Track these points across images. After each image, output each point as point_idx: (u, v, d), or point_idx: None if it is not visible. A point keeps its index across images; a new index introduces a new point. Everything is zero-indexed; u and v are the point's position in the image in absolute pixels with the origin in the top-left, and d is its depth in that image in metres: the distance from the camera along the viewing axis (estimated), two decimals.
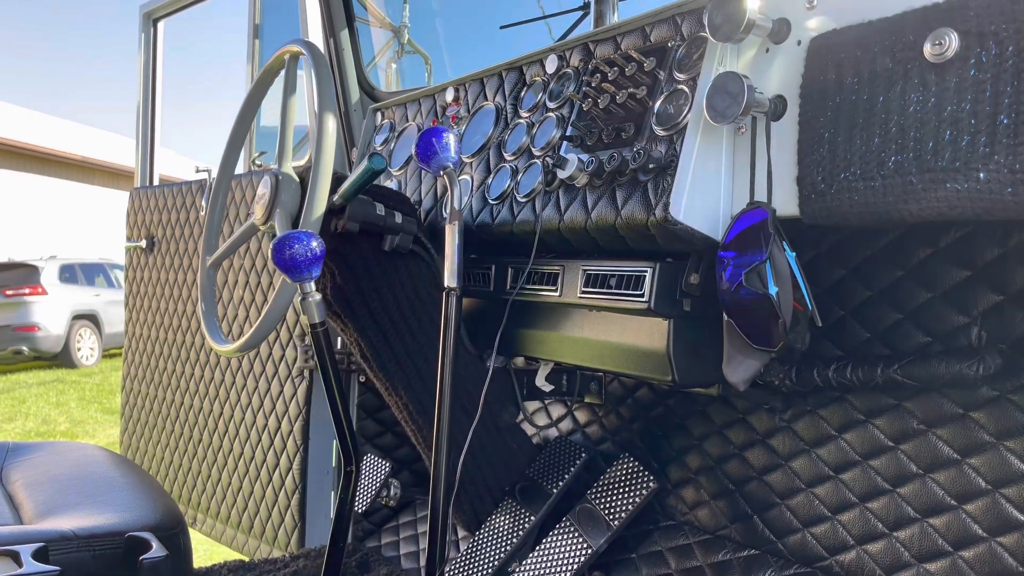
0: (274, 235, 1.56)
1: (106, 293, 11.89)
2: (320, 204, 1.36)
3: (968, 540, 1.21)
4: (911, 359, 1.22)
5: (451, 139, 1.28)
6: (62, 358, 10.93)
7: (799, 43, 1.13)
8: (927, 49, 0.95)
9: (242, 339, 1.44)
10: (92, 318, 11.40)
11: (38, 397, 8.58)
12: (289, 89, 1.58)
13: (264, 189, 1.54)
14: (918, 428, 1.27)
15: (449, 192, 1.28)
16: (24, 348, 10.55)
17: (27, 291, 10.68)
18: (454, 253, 1.30)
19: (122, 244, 3.02)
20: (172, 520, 1.31)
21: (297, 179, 1.55)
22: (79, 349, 11.14)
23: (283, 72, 1.68)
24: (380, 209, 1.54)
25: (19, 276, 10.88)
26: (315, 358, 1.31)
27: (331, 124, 1.38)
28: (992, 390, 1.19)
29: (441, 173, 1.29)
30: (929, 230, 1.23)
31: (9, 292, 10.59)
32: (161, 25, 2.94)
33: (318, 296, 1.30)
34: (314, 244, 1.22)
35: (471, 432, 1.36)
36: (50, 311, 10.69)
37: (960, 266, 1.21)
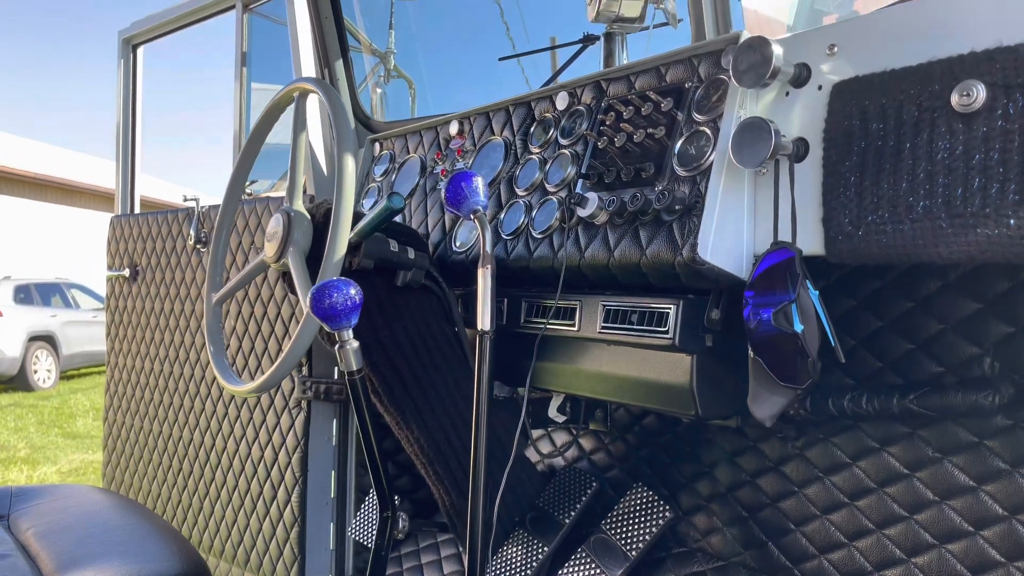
0: (286, 272, 1.56)
1: (63, 314, 11.63)
2: (342, 246, 1.36)
3: (986, 565, 1.25)
4: (927, 389, 1.26)
5: (480, 183, 1.29)
6: (18, 381, 10.64)
7: (820, 88, 1.16)
8: (954, 99, 0.99)
9: (260, 379, 1.42)
10: (49, 339, 11.14)
11: None
12: (299, 126, 1.57)
13: (276, 226, 1.53)
14: (933, 456, 1.31)
15: (480, 236, 1.29)
16: None
17: None
18: (487, 296, 1.31)
19: (81, 263, 2.97)
20: (198, 568, 1.29)
21: (309, 216, 1.55)
22: (36, 371, 10.86)
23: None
24: (393, 245, 1.54)
25: None
26: (352, 406, 1.31)
27: (351, 165, 1.39)
28: (1006, 419, 1.23)
29: (471, 217, 1.30)
30: (939, 263, 1.27)
31: None
32: (141, 51, 2.90)
33: (356, 344, 1.29)
34: (352, 291, 1.22)
35: (506, 472, 1.37)
36: (5, 333, 10.41)
37: (971, 298, 1.25)
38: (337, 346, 1.29)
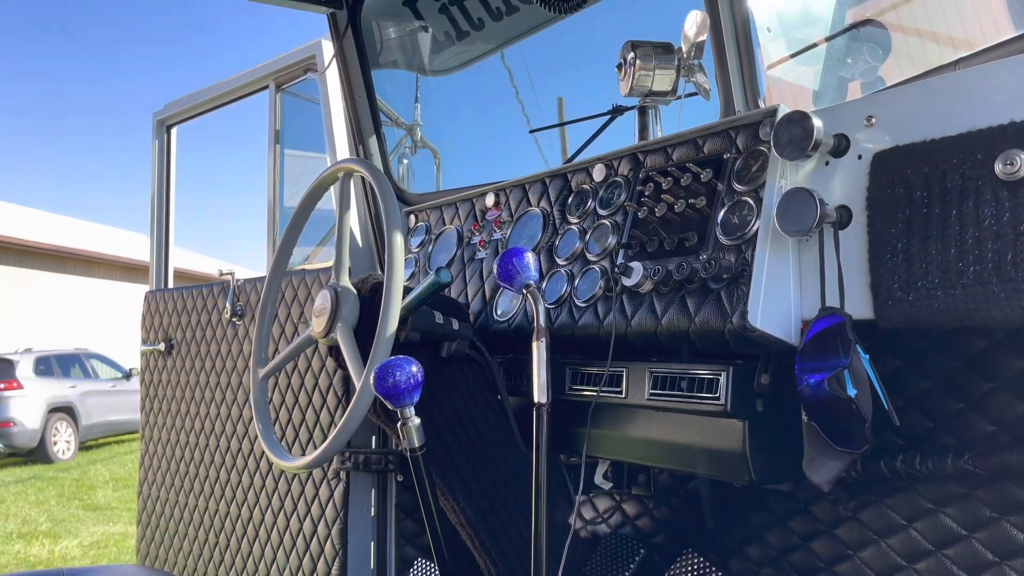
0: (334, 347, 1.59)
1: (82, 384, 11.70)
2: (393, 322, 1.39)
3: None
4: (981, 449, 1.26)
5: (531, 258, 1.32)
6: (38, 453, 10.66)
7: (859, 157, 1.20)
8: (998, 168, 1.02)
9: (313, 455, 1.44)
10: (68, 410, 11.19)
11: (16, 496, 8.32)
12: (344, 205, 1.62)
13: (324, 303, 1.57)
14: (991, 516, 1.30)
15: (534, 309, 1.32)
16: None
17: (2, 386, 10.47)
18: (543, 368, 1.33)
19: (102, 333, 3.00)
20: None
21: (355, 292, 1.59)
22: (55, 443, 10.88)
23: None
24: (439, 317, 1.57)
25: None
26: (415, 484, 1.32)
27: (399, 244, 1.42)
28: None
29: (524, 291, 1.33)
30: (991, 327, 1.28)
31: None
32: (174, 131, 2.99)
33: (417, 421, 1.31)
34: (414, 369, 1.24)
35: (567, 545, 1.37)
36: (26, 405, 10.48)
37: (1019, 356, 1.26)
38: (399, 423, 1.31)
